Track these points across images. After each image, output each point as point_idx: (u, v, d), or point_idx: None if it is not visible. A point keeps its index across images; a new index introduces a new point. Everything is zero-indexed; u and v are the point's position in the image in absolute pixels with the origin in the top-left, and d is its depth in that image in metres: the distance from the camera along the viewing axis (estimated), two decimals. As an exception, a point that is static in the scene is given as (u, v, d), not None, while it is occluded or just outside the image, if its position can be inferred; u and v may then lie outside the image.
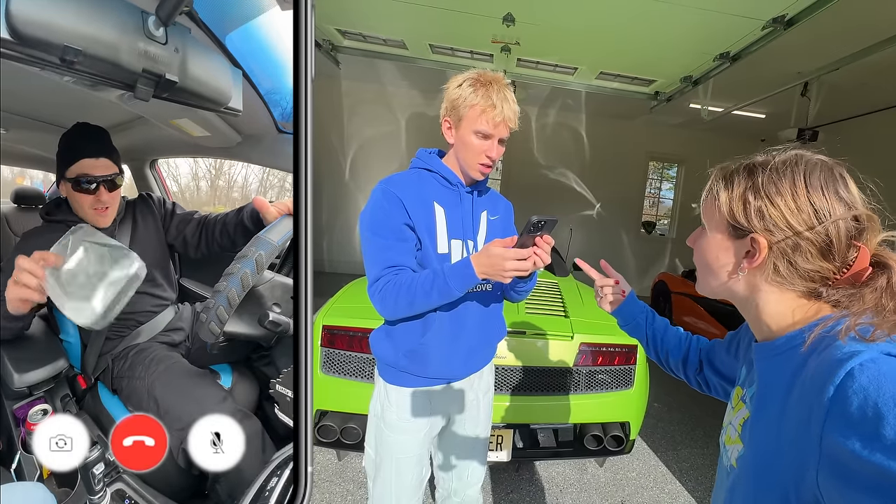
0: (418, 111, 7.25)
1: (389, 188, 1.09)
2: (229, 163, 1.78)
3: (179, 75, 0.78)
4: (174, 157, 1.71)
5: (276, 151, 1.24)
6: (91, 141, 1.06)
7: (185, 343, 1.26)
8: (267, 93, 1.08)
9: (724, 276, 0.61)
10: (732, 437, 0.63)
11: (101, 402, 1.12)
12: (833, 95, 4.58)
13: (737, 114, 5.59)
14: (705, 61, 4.15)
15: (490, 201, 1.27)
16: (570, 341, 1.99)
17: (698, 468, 2.59)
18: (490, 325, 1.24)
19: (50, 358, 1.06)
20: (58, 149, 1.06)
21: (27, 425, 0.89)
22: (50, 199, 1.48)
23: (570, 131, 7.82)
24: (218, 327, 0.91)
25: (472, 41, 4.28)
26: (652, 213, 8.76)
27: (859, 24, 3.34)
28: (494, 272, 0.96)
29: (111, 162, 1.08)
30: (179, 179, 1.82)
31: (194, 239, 1.27)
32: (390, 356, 1.16)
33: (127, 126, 1.26)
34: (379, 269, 1.07)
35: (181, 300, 1.34)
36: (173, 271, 1.31)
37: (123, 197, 1.19)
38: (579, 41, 3.95)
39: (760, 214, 0.54)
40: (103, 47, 0.68)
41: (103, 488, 0.73)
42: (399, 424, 1.17)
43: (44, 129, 1.18)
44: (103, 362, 1.15)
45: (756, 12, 3.19)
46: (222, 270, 0.94)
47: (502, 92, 1.07)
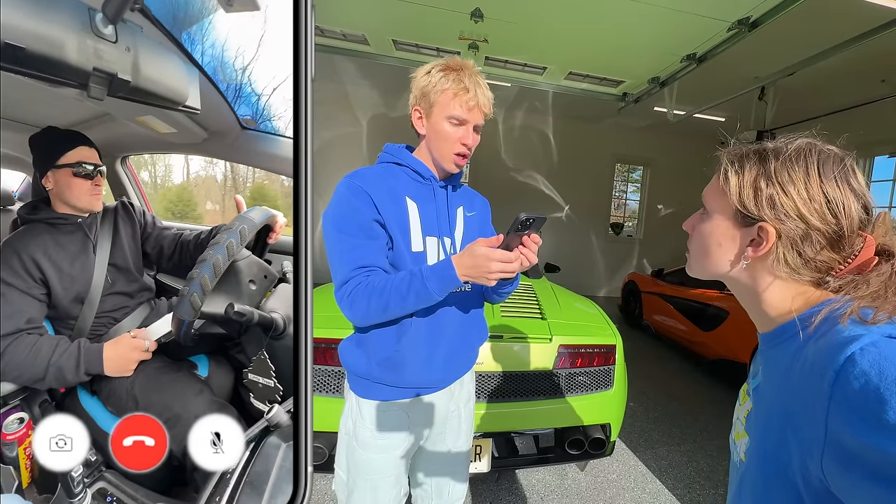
0: (380, 112, 6.97)
1: (356, 182, 1.00)
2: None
3: (132, 74, 0.77)
4: (144, 153, 1.71)
5: (241, 148, 1.28)
6: (81, 132, 1.10)
7: (160, 338, 1.24)
8: (227, 90, 1.10)
9: (724, 263, 0.59)
10: (739, 431, 0.62)
11: (81, 405, 1.11)
12: (789, 99, 4.75)
13: (699, 116, 5.75)
14: (672, 62, 4.20)
15: (465, 197, 1.19)
16: (548, 343, 1.92)
17: (676, 466, 2.61)
18: (471, 329, 1.15)
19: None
20: (46, 140, 1.06)
21: (2, 436, 0.89)
22: (20, 198, 1.49)
23: (538, 133, 7.84)
24: (200, 299, 0.93)
25: (439, 37, 4.13)
26: (617, 214, 8.93)
27: (812, 30, 3.46)
28: (478, 274, 0.88)
29: (98, 153, 1.13)
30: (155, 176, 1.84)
31: (169, 251, 1.31)
32: (362, 366, 1.05)
33: (95, 122, 1.25)
34: (347, 271, 0.96)
35: (158, 296, 1.34)
36: (147, 271, 1.35)
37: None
38: (549, 40, 3.92)
39: (772, 203, 0.53)
40: (47, 45, 0.66)
41: (83, 490, 0.74)
42: (374, 442, 1.06)
43: (8, 127, 1.15)
44: None
45: (723, 14, 3.24)
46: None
47: (474, 77, 1.01)
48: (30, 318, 1.02)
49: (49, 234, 1.08)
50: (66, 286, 1.09)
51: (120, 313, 1.19)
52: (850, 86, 4.64)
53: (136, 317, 1.22)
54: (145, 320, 1.22)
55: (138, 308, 1.23)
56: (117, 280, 1.18)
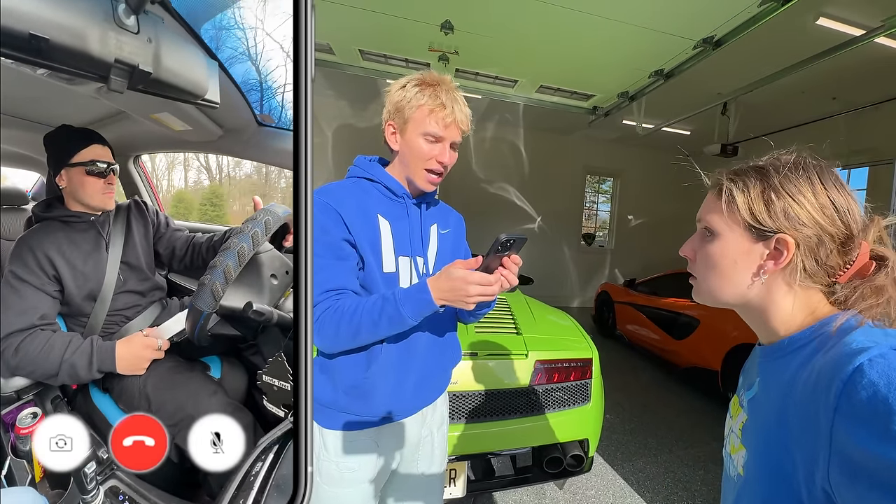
0: (346, 122, 6.73)
1: (324, 199, 0.93)
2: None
3: (154, 66, 0.76)
4: (158, 152, 1.69)
5: (258, 145, 1.26)
6: (95, 130, 1.11)
7: (173, 337, 1.23)
8: (244, 85, 1.09)
9: (742, 281, 0.58)
10: (735, 444, 0.61)
11: (93, 402, 1.11)
12: (750, 114, 4.97)
13: (666, 130, 5.93)
14: (641, 77, 4.32)
15: (440, 214, 1.13)
16: (524, 360, 1.87)
17: (654, 478, 2.59)
18: (443, 351, 1.09)
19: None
20: (60, 138, 1.07)
21: (16, 430, 0.89)
22: (34, 197, 1.49)
23: (509, 145, 7.89)
24: (222, 289, 0.90)
25: (408, 48, 4.09)
26: (588, 225, 9.09)
27: (771, 49, 3.64)
28: (456, 298, 0.83)
29: (112, 152, 1.13)
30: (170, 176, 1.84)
31: (181, 252, 1.31)
32: (327, 395, 0.98)
33: (108, 122, 1.26)
34: (315, 295, 0.89)
35: (170, 295, 1.34)
36: (159, 271, 1.34)
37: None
38: (520, 53, 3.95)
39: (785, 213, 0.54)
40: (71, 36, 0.65)
41: (96, 486, 0.74)
42: (340, 476, 0.98)
43: (23, 127, 1.17)
44: None
45: (689, 32, 3.36)
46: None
47: (451, 93, 0.96)
48: (43, 315, 1.02)
49: (63, 232, 1.08)
50: (79, 283, 1.08)
51: (131, 312, 1.20)
52: (805, 103, 4.90)
53: (147, 315, 1.22)
54: (157, 319, 1.22)
55: (150, 307, 1.24)
56: (129, 278, 1.18)
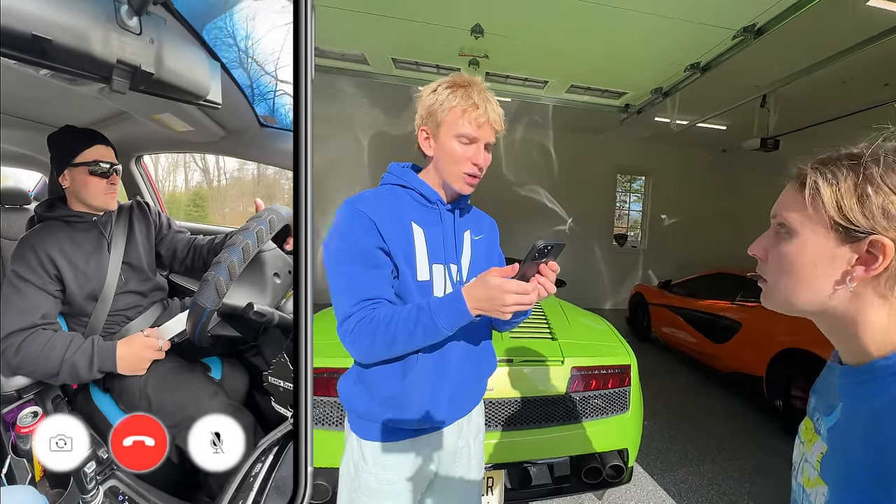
0: (381, 130, 6.95)
1: (358, 207, 0.93)
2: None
3: (156, 67, 0.77)
4: (160, 152, 1.70)
5: (260, 145, 1.26)
6: (98, 131, 1.12)
7: (174, 338, 1.24)
8: (246, 86, 1.09)
9: (824, 288, 0.50)
10: (812, 477, 0.54)
11: (93, 401, 1.11)
12: (789, 106, 4.73)
13: (700, 126, 5.72)
14: (676, 72, 4.18)
15: (473, 220, 1.12)
16: (560, 366, 1.83)
17: (697, 489, 2.49)
18: (479, 360, 1.07)
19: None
20: (63, 138, 1.08)
21: (17, 429, 0.89)
22: (36, 197, 1.51)
23: (538, 147, 7.81)
24: (226, 285, 0.90)
25: (438, 55, 4.11)
26: (620, 225, 8.86)
27: (816, 36, 3.44)
28: (492, 307, 0.81)
29: (115, 152, 1.14)
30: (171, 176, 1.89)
31: (182, 254, 1.31)
32: (363, 405, 0.97)
33: (111, 122, 1.27)
34: (350, 305, 0.89)
35: (171, 296, 1.35)
36: (160, 271, 1.35)
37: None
38: (550, 53, 3.90)
39: (884, 212, 0.46)
40: (73, 37, 0.66)
41: (95, 486, 0.74)
42: (378, 487, 0.98)
43: (25, 127, 1.19)
44: None
45: (728, 21, 3.23)
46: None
47: (483, 93, 0.95)
48: (45, 314, 1.02)
49: (65, 232, 1.09)
50: (80, 283, 1.09)
51: (133, 312, 1.20)
52: (852, 91, 4.62)
53: (148, 316, 1.23)
54: (157, 320, 1.22)
55: (151, 307, 1.24)
56: (131, 279, 1.19)
